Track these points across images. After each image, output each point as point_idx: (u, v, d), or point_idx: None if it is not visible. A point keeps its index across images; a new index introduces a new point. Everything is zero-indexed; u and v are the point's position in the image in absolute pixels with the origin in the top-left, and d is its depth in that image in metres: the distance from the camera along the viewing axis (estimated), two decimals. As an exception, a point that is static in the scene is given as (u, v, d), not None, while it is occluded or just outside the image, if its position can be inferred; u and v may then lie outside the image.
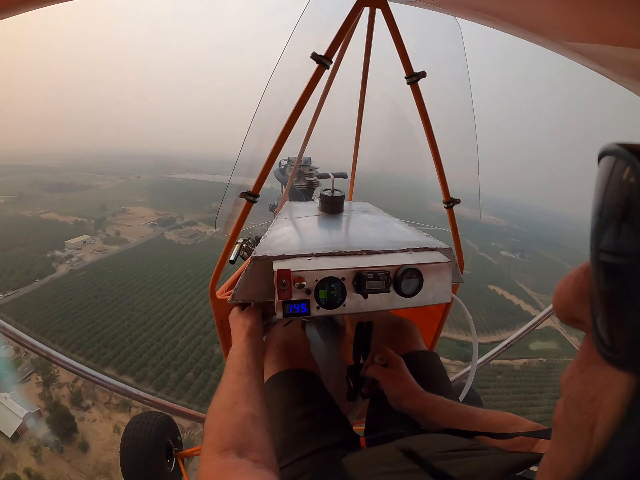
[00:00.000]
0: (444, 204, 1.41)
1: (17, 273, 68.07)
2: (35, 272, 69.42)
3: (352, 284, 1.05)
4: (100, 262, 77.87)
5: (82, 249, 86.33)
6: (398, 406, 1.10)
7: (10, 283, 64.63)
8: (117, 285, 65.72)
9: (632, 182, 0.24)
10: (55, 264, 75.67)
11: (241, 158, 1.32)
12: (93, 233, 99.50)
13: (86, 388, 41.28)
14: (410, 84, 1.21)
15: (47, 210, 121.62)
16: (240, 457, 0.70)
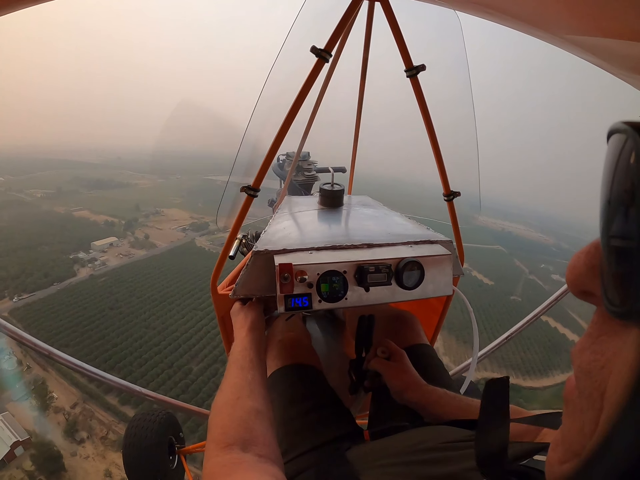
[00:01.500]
0: (444, 196, 1.41)
1: (35, 275, 66.03)
2: (55, 275, 67.01)
3: (354, 277, 1.05)
4: (122, 268, 74.09)
5: (107, 252, 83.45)
6: (401, 399, 1.11)
7: (27, 285, 62.38)
8: (136, 297, 61.41)
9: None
10: (77, 267, 73.09)
11: (241, 153, 1.32)
12: (122, 235, 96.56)
13: (84, 417, 38.43)
14: (409, 77, 1.21)
15: (80, 207, 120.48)
16: (245, 451, 0.71)
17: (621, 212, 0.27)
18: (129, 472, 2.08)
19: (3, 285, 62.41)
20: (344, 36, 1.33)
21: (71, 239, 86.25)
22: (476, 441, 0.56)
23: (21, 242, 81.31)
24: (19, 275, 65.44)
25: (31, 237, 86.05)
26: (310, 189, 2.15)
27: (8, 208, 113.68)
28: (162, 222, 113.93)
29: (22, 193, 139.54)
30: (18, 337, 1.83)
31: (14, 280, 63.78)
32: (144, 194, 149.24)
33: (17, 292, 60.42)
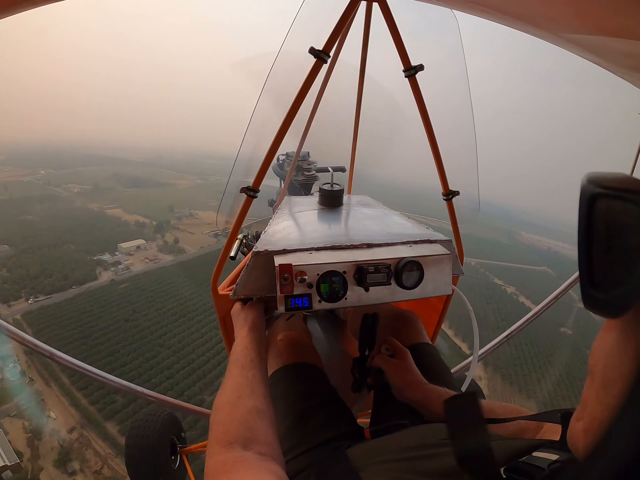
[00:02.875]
0: (443, 196, 1.41)
1: (55, 276, 62.63)
2: (75, 278, 63.35)
3: (354, 277, 1.06)
4: (146, 275, 68.82)
5: (133, 255, 78.78)
6: (402, 397, 1.11)
7: (45, 287, 59.11)
8: (155, 309, 55.67)
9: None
10: (100, 270, 69.13)
11: (241, 154, 1.32)
12: (151, 237, 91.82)
13: (79, 444, 34.27)
14: (408, 77, 1.21)
15: (114, 205, 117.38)
16: (246, 450, 0.71)
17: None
18: (131, 472, 2.09)
19: (21, 285, 59.67)
20: (342, 37, 1.33)
21: (98, 239, 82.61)
22: (453, 449, 0.57)
23: (47, 239, 79.13)
24: (38, 275, 62.58)
25: (59, 234, 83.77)
26: (310, 189, 2.15)
27: (42, 202, 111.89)
28: (194, 225, 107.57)
29: (60, 187, 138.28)
30: (19, 338, 1.84)
31: (32, 280, 61.06)
32: (181, 194, 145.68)
33: (34, 293, 57.69)
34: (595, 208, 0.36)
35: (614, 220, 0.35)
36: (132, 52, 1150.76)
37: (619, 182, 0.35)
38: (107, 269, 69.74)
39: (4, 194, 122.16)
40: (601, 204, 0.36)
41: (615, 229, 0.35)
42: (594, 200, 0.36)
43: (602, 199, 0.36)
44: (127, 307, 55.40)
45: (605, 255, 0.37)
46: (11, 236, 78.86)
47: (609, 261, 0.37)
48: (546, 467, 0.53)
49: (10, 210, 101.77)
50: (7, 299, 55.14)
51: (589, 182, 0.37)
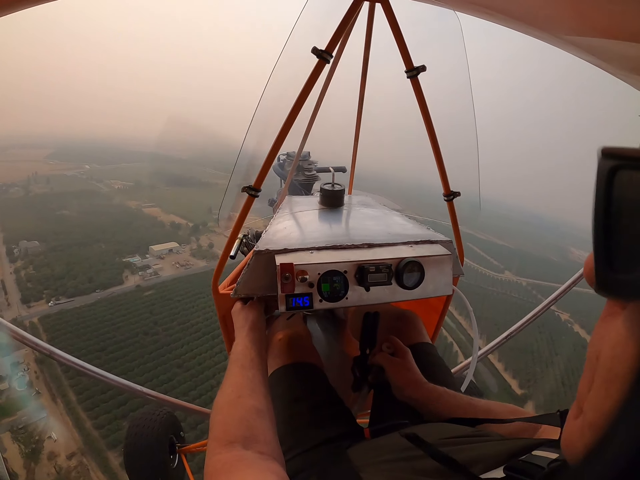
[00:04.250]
0: (444, 197, 1.42)
1: (79, 278, 59.43)
2: (100, 281, 59.89)
3: (355, 277, 1.06)
4: (174, 282, 63.12)
5: (164, 259, 74.13)
6: (402, 395, 1.12)
7: (68, 289, 55.77)
8: (177, 322, 50.18)
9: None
10: (127, 274, 64.90)
11: (243, 153, 1.32)
12: (185, 240, 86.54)
13: (77, 474, 30.37)
14: (410, 78, 1.22)
15: (152, 204, 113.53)
16: (246, 449, 0.71)
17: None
18: (130, 471, 2.09)
19: (44, 285, 56.88)
20: (344, 37, 1.33)
21: (131, 239, 79.06)
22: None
23: (79, 237, 76.91)
24: (63, 275, 59.76)
25: (91, 232, 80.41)
26: (311, 189, 2.16)
27: (81, 198, 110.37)
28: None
29: (102, 183, 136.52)
30: (19, 336, 1.83)
31: (56, 280, 58.24)
32: (222, 195, 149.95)
33: (56, 294, 54.76)
34: (616, 181, 0.33)
35: (637, 193, 0.32)
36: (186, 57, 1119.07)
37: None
38: (134, 272, 65.90)
39: (45, 188, 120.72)
40: (623, 176, 0.33)
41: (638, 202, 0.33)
42: (614, 172, 0.33)
43: (623, 170, 0.33)
44: (148, 319, 50.55)
45: (627, 233, 0.34)
46: (45, 231, 76.93)
47: (631, 238, 0.33)
48: (546, 466, 0.53)
49: (49, 204, 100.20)
50: (28, 299, 53.03)
51: (606, 155, 0.34)
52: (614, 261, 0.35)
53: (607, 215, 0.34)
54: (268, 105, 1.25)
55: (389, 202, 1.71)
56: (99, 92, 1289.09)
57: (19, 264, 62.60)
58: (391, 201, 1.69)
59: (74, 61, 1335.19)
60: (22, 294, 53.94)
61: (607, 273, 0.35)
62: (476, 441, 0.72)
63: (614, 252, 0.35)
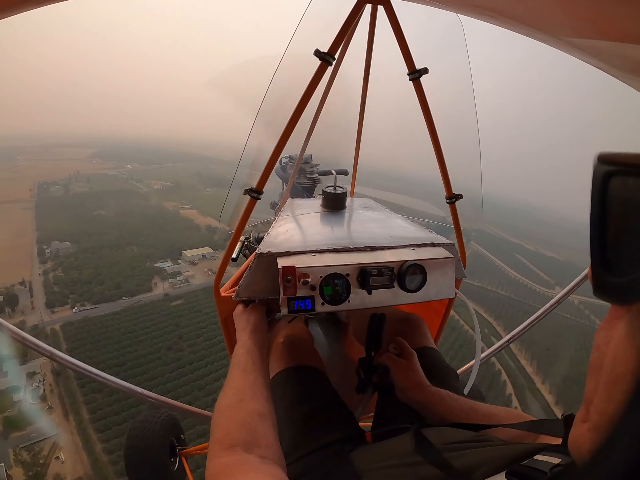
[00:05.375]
0: (447, 199, 1.41)
1: (107, 283, 57.65)
2: (127, 287, 57.62)
3: (357, 280, 1.06)
4: (205, 291, 57.87)
5: (197, 265, 70.44)
6: (405, 397, 1.11)
7: (94, 294, 54.11)
8: (204, 339, 46.03)
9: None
10: (156, 281, 62.13)
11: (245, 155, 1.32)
12: (220, 245, 75.18)
13: None
14: (412, 81, 1.22)
15: (189, 206, 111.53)
16: (247, 453, 0.71)
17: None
18: (130, 473, 2.09)
19: (71, 289, 55.54)
20: (347, 39, 1.33)
21: (164, 243, 75.72)
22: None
23: (111, 239, 75.51)
24: (90, 280, 58.00)
25: (125, 233, 79.63)
26: (313, 192, 2.16)
27: (119, 198, 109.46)
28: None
29: (141, 183, 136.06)
30: (20, 338, 1.83)
31: (83, 285, 56.79)
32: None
33: (81, 300, 53.16)
34: (610, 186, 0.34)
35: (630, 198, 0.33)
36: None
37: (633, 159, 0.33)
38: (164, 279, 63.21)
39: (85, 187, 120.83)
40: (616, 181, 0.34)
41: (631, 207, 0.33)
42: (608, 178, 0.34)
43: (616, 176, 0.34)
44: (173, 332, 47.42)
45: (620, 236, 0.35)
46: (78, 232, 75.99)
47: (625, 242, 0.34)
48: (548, 471, 0.52)
49: (87, 203, 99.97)
50: (52, 304, 51.78)
51: (602, 161, 0.35)
52: (608, 264, 0.35)
53: (602, 219, 0.35)
54: (270, 107, 1.25)
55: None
56: (147, 95, 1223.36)
57: (48, 265, 61.90)
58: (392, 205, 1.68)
59: (123, 65, 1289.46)
60: (48, 298, 53.12)
61: (602, 276, 0.36)
62: (478, 446, 0.71)
63: (608, 255, 0.35)
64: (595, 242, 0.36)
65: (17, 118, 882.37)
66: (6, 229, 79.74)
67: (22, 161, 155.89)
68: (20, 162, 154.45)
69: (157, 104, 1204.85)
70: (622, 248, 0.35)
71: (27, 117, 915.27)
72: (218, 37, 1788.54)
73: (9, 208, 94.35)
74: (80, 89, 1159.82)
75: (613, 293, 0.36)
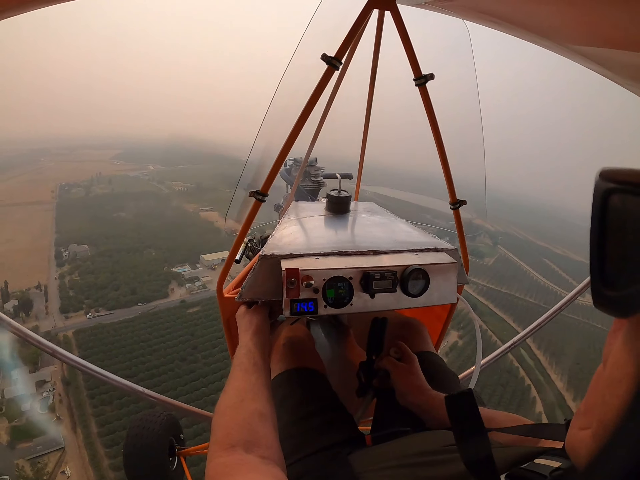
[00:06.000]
0: (450, 205, 1.42)
1: (122, 289, 55.72)
2: (142, 293, 55.61)
3: (360, 284, 1.06)
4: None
5: (215, 270, 65.53)
6: (405, 401, 1.11)
7: (109, 300, 52.59)
8: (219, 350, 43.19)
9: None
10: (173, 286, 60.26)
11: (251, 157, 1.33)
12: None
13: None
14: (418, 86, 1.22)
15: (210, 208, 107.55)
16: (248, 453, 0.71)
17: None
18: (129, 472, 2.09)
19: (86, 294, 54.06)
20: (354, 44, 1.34)
21: (183, 246, 74.01)
22: (460, 453, 0.58)
23: (129, 242, 74.10)
24: (106, 285, 56.31)
25: (143, 236, 78.32)
26: (317, 195, 2.16)
27: (140, 199, 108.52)
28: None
29: (163, 184, 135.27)
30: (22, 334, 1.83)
31: (98, 290, 55.16)
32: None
33: (96, 305, 51.73)
34: (610, 203, 0.35)
35: (628, 215, 0.34)
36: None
37: (633, 177, 0.34)
38: (182, 284, 61.06)
39: (106, 188, 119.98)
40: (615, 199, 0.35)
41: (629, 224, 0.34)
42: (608, 195, 0.35)
43: (616, 193, 0.35)
44: (188, 342, 45.38)
45: (618, 251, 0.36)
46: (96, 235, 74.73)
47: (622, 257, 0.36)
48: (548, 475, 0.52)
49: (107, 205, 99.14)
50: (67, 309, 50.62)
51: (603, 178, 0.36)
52: (606, 278, 0.36)
53: (601, 234, 0.36)
54: (277, 110, 1.26)
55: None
56: (175, 94, 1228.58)
57: (65, 269, 60.72)
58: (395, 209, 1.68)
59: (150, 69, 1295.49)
60: (62, 303, 52.11)
61: (601, 289, 0.37)
62: None
63: (607, 270, 0.36)
64: (595, 257, 0.37)
65: (43, 120, 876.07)
66: (27, 231, 79.02)
67: (45, 163, 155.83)
68: (43, 163, 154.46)
69: (184, 106, 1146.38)
70: (620, 263, 0.36)
71: (53, 119, 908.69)
72: (247, 43, 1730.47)
73: (31, 210, 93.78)
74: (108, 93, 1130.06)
75: (612, 306, 0.37)
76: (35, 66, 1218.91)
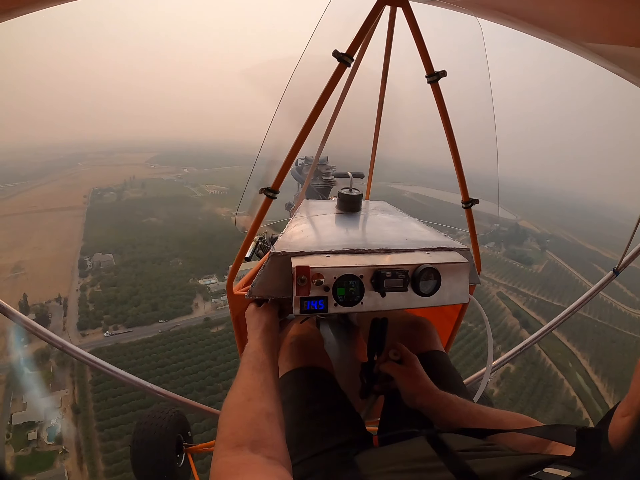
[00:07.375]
0: (463, 204, 1.40)
1: (143, 304, 51.19)
2: (164, 310, 50.99)
3: (371, 282, 1.05)
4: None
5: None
6: (412, 403, 1.10)
7: (129, 316, 48.66)
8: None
9: None
10: (197, 301, 55.13)
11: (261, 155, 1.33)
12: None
13: None
14: (430, 83, 1.21)
15: (242, 212, 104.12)
16: (254, 453, 0.70)
17: None
18: (136, 468, 2.10)
19: (105, 309, 50.22)
20: (365, 41, 1.33)
21: (211, 255, 66.87)
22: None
23: (157, 251, 69.67)
24: (126, 299, 52.07)
25: (171, 244, 73.20)
26: (328, 193, 2.16)
27: (171, 204, 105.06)
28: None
29: (196, 187, 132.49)
30: (32, 328, 1.85)
31: (118, 305, 51.02)
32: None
33: (115, 322, 48.00)
34: None
35: None
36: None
37: None
38: (207, 299, 55.65)
39: (139, 192, 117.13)
40: None
41: None
42: None
43: None
44: (209, 369, 40.69)
45: None
46: (124, 242, 71.70)
47: None
48: None
49: (138, 210, 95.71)
50: (84, 325, 47.25)
51: None
52: None
53: None
54: (288, 107, 1.25)
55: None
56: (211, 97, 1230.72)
57: (87, 280, 57.80)
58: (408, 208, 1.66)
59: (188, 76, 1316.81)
60: (80, 318, 48.73)
61: None
62: (488, 455, 0.70)
63: None
64: None
65: (81, 125, 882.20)
66: (55, 238, 76.70)
67: (82, 167, 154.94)
68: (80, 168, 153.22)
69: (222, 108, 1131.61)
70: None
71: (91, 124, 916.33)
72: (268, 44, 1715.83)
73: (62, 215, 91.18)
74: (148, 95, 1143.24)
75: None
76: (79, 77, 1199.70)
